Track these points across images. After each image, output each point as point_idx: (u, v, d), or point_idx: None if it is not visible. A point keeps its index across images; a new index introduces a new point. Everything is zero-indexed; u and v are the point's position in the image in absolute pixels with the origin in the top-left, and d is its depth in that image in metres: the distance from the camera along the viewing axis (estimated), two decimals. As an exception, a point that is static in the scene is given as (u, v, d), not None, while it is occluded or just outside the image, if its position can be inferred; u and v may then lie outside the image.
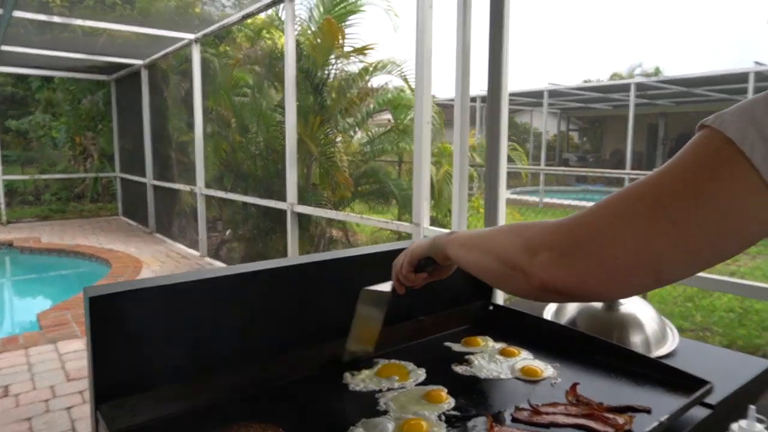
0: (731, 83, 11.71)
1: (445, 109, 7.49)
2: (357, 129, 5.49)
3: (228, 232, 6.85)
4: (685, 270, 0.59)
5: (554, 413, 0.97)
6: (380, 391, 1.07)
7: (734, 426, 0.99)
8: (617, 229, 0.58)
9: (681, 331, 3.98)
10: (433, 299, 1.41)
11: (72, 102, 10.27)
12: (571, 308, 1.48)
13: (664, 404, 1.02)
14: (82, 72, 9.20)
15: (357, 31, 5.12)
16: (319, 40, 4.97)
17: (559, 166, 19.56)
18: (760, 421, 0.97)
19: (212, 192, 6.13)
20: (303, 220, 4.92)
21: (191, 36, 5.97)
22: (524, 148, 18.73)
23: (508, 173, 3.14)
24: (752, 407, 0.99)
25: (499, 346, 1.30)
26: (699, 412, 1.03)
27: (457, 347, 1.31)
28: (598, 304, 1.44)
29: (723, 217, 0.55)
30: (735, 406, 1.21)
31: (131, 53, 7.34)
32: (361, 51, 4.96)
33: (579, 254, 0.60)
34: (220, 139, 6.52)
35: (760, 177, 0.53)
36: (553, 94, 15.08)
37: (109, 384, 0.85)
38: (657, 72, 21.95)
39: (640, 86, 13.36)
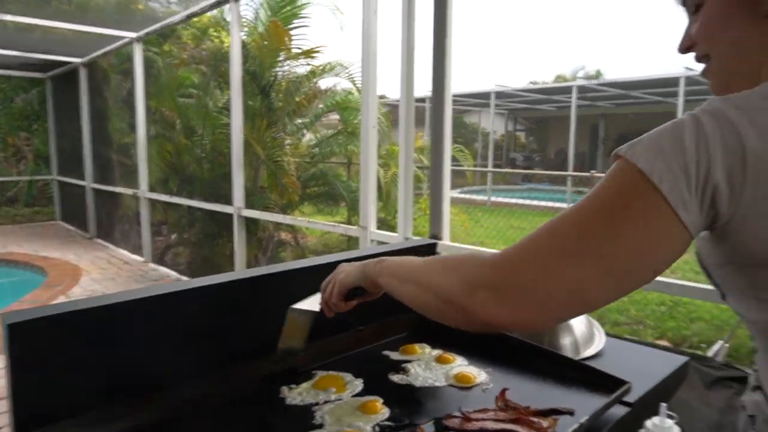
0: (664, 87, 12.33)
1: (394, 109, 7.54)
2: (305, 131, 5.46)
3: (173, 237, 6.68)
4: (612, 296, 0.63)
5: (484, 419, 1.01)
6: (317, 404, 1.09)
7: (648, 423, 1.06)
8: (549, 266, 0.61)
9: (617, 325, 4.17)
10: (371, 309, 1.44)
11: (3, 101, 9.73)
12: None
13: (587, 405, 1.08)
14: (14, 69, 8.73)
15: (304, 32, 5.09)
16: (265, 42, 4.92)
17: (507, 165, 20.06)
18: (670, 417, 1.04)
19: (156, 196, 5.95)
20: (251, 223, 4.86)
21: (133, 34, 5.78)
22: (473, 148, 19.10)
23: (455, 173, 3.22)
24: (663, 405, 1.06)
25: (436, 353, 1.34)
26: (618, 411, 1.10)
27: (395, 356, 1.34)
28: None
29: (639, 246, 0.59)
30: (651, 402, 1.30)
31: (69, 51, 7.03)
32: (308, 54, 4.94)
33: (516, 292, 0.63)
34: (165, 140, 6.34)
35: (670, 206, 0.57)
36: (500, 95, 15.45)
37: (32, 413, 0.83)
38: (598, 74, 22.84)
39: (582, 88, 13.87)
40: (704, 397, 1.72)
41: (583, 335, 1.45)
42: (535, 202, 12.10)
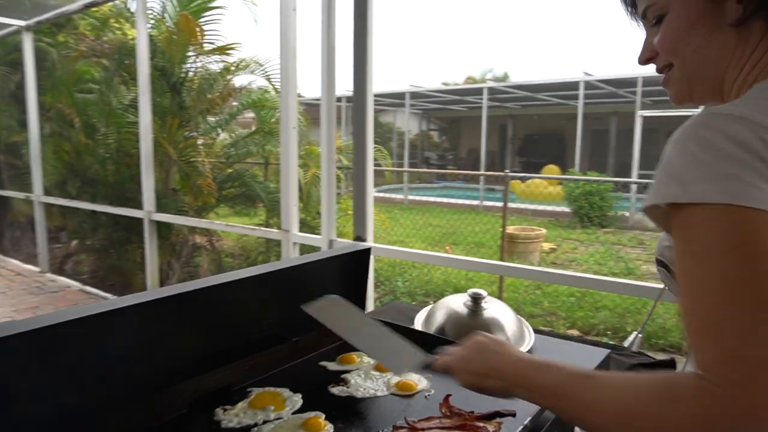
0: (566, 90, 13.13)
1: (310, 108, 7.45)
2: (220, 131, 5.24)
3: (74, 244, 6.17)
4: None
5: (430, 428, 1.00)
6: (256, 425, 1.03)
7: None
8: (749, 347, 0.51)
9: (531, 317, 4.37)
10: (306, 318, 1.39)
11: None
12: (439, 315, 1.54)
13: (527, 405, 1.10)
14: None
15: (217, 28, 4.88)
16: (174, 37, 4.66)
17: (422, 164, 20.48)
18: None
19: (53, 200, 5.46)
20: (163, 228, 4.59)
21: (21, 22, 5.26)
22: (389, 148, 19.32)
23: (374, 173, 3.21)
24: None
25: (374, 361, 1.32)
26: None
27: (332, 366, 1.30)
28: (463, 310, 1.52)
29: None
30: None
31: (-58, 39, 6.28)
32: (222, 50, 4.74)
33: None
34: (62, 140, 5.83)
35: None
36: (415, 95, 15.74)
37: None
38: (506, 77, 23.91)
39: (491, 90, 14.44)
40: (620, 384, 1.82)
41: (515, 334, 1.49)
42: (451, 200, 12.46)
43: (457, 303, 1.54)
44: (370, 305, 3.18)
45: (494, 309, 1.52)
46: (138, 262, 4.96)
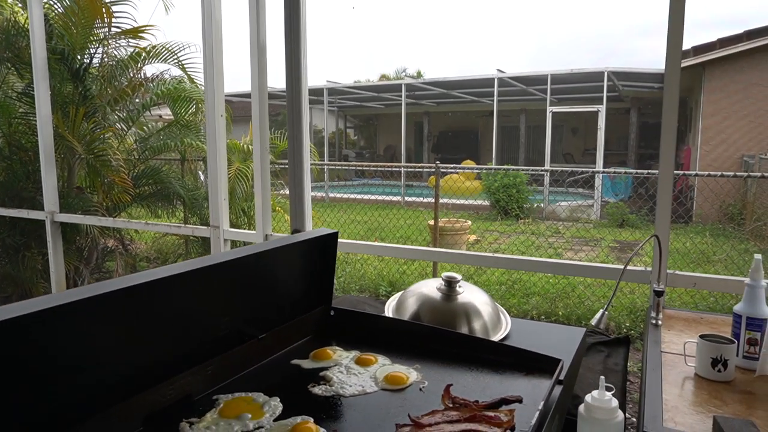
0: (481, 87, 13.52)
1: (230, 104, 7.09)
2: (131, 123, 4.81)
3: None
4: None
5: (437, 422, 0.89)
6: (235, 437, 0.87)
7: (588, 397, 1.04)
8: None
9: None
10: (269, 313, 1.23)
11: None
12: (412, 302, 1.44)
13: (530, 389, 1.02)
14: None
15: (127, 11, 4.47)
16: (73, 19, 4.20)
17: (340, 162, 20.33)
18: (608, 389, 1.03)
19: (-70, 203, 4.76)
20: (68, 230, 4.14)
21: None
22: (306, 145, 18.97)
23: (283, 170, 3.06)
24: (602, 378, 1.05)
25: (352, 354, 1.19)
26: (555, 390, 1.07)
27: (307, 364, 1.16)
28: (436, 295, 1.43)
29: None
30: (573, 375, 1.31)
31: None
32: (134, 33, 4.34)
33: None
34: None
35: None
36: (332, 92, 15.55)
37: None
38: (419, 75, 24.30)
39: (407, 86, 14.58)
40: (584, 362, 1.80)
41: (491, 318, 1.42)
42: (372, 197, 12.43)
43: (429, 288, 1.45)
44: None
45: (469, 293, 1.44)
46: (39, 269, 4.44)
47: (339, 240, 2.93)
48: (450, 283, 1.41)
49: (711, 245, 6.79)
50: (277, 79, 2.83)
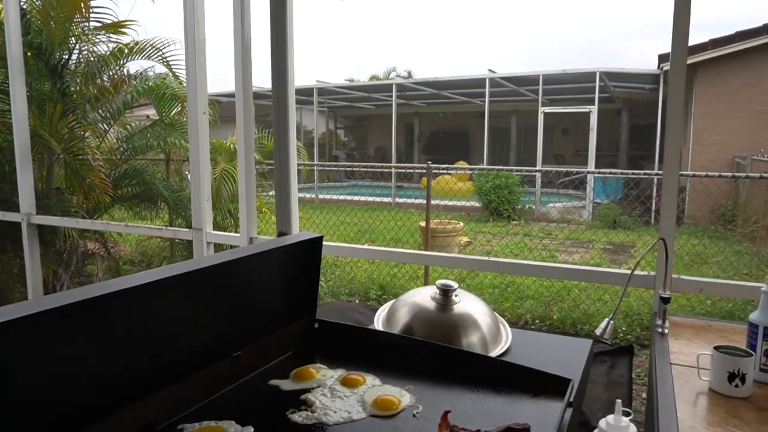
0: (472, 87, 13.44)
1: (218, 104, 6.96)
2: (112, 122, 4.65)
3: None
4: None
5: (434, 459, 0.77)
6: (198, 479, 0.75)
7: (602, 423, 0.93)
8: None
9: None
10: (246, 326, 1.11)
11: None
12: (403, 313, 1.32)
13: (539, 414, 0.91)
14: None
15: (109, 5, 4.32)
16: (52, 14, 4.04)
17: (330, 163, 20.19)
18: (626, 414, 0.92)
19: None
20: (46, 233, 3.98)
21: None
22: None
23: (271, 171, 2.94)
24: (618, 402, 0.94)
25: (338, 374, 1.07)
26: (566, 414, 0.96)
27: (286, 384, 1.04)
28: (430, 305, 1.31)
29: None
30: (581, 393, 1.20)
31: None
32: (115, 28, 4.18)
33: None
34: None
35: None
36: (322, 92, 15.41)
37: None
38: (410, 75, 24.19)
39: (398, 87, 14.47)
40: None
41: (491, 329, 1.30)
42: (362, 198, 12.32)
43: (423, 297, 1.33)
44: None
45: (466, 303, 1.32)
46: (15, 273, 4.27)
47: (327, 243, 2.80)
48: (445, 292, 1.29)
49: (705, 247, 6.74)
50: (266, 78, 2.72)
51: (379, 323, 1.33)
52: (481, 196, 10.35)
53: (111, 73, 4.63)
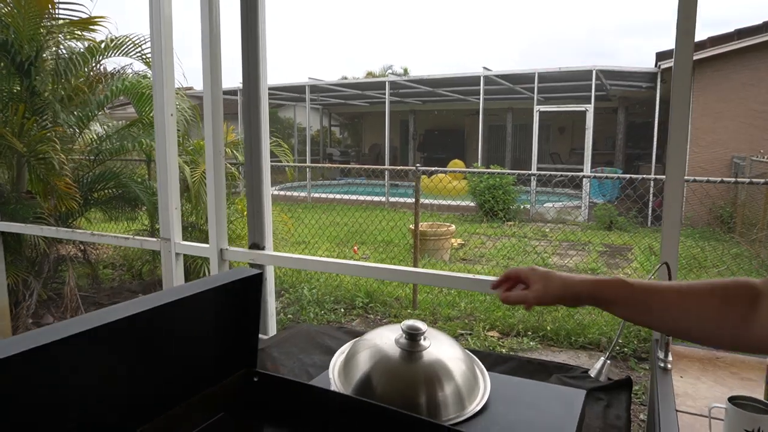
0: (467, 85, 13.24)
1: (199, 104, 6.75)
2: (86, 122, 4.43)
3: None
4: None
5: None
6: None
7: None
8: None
9: (449, 320, 4.04)
10: (172, 379, 0.91)
11: None
12: (362, 360, 1.12)
13: None
14: None
15: (81, 1, 4.09)
16: (16, 11, 3.82)
17: (324, 161, 20.00)
18: None
19: None
20: (11, 240, 3.77)
21: None
22: (289, 144, 18.60)
23: (274, 169, 2.75)
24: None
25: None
26: None
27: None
28: (394, 351, 1.11)
29: None
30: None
31: None
32: (85, 24, 3.97)
33: None
34: None
35: None
36: (315, 89, 15.19)
37: None
38: (406, 72, 23.99)
39: (393, 84, 14.26)
40: (578, 416, 1.50)
41: (466, 380, 1.11)
42: (354, 197, 12.12)
43: (386, 341, 1.13)
44: (271, 327, 2.70)
45: (437, 348, 1.12)
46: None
47: (306, 257, 2.60)
48: (412, 336, 1.09)
49: (702, 250, 6.57)
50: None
51: (334, 371, 1.14)
52: (475, 196, 10.17)
53: (86, 70, 4.42)
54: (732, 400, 1.11)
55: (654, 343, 1.66)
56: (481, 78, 12.12)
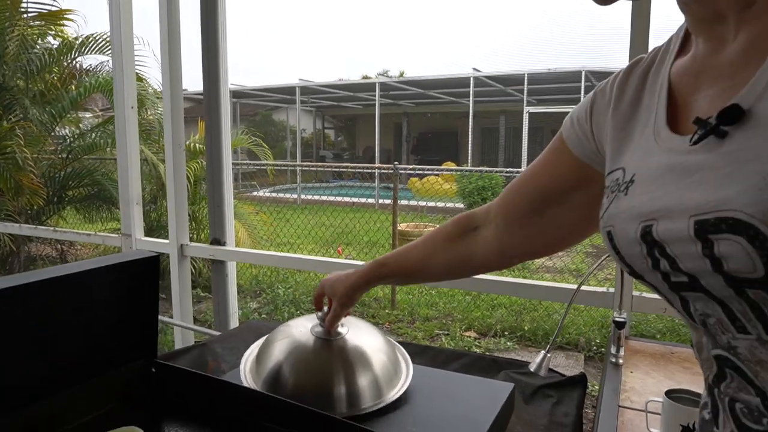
0: (457, 87, 13.21)
1: (197, 105, 6.72)
2: (58, 119, 4.36)
3: None
4: None
5: None
6: None
7: None
8: None
9: (427, 320, 3.96)
10: (60, 363, 0.85)
11: None
12: (278, 349, 1.05)
13: None
14: None
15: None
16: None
17: (317, 163, 19.94)
18: None
19: None
20: (-23, 238, 3.69)
21: None
22: (282, 147, 18.53)
23: (258, 171, 2.69)
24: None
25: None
26: None
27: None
28: (309, 339, 1.04)
29: None
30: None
31: None
32: (53, 18, 3.90)
33: None
34: None
35: None
36: (306, 91, 15.14)
37: None
38: (402, 75, 23.95)
39: (385, 86, 14.23)
40: (524, 414, 1.43)
41: (385, 369, 1.04)
42: (345, 199, 12.07)
43: (301, 329, 1.06)
44: (232, 325, 2.62)
45: (355, 336, 1.06)
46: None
47: (264, 252, 2.53)
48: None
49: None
50: (250, 77, 2.46)
51: (247, 362, 1.07)
52: (464, 198, 10.12)
53: (61, 67, 4.35)
54: (669, 393, 1.05)
55: (608, 341, 1.60)
56: (471, 79, 12.10)
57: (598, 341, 3.69)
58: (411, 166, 8.71)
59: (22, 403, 0.79)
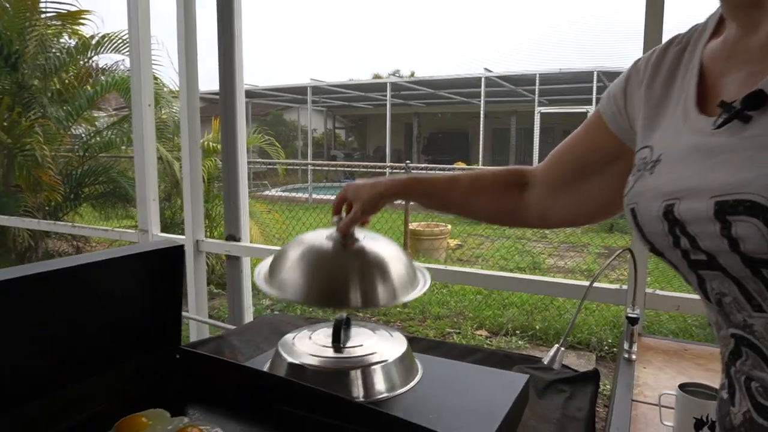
0: (468, 87, 13.20)
1: (211, 105, 6.78)
2: (75, 117, 4.43)
3: None
4: None
5: None
6: None
7: None
8: None
9: (438, 318, 3.98)
10: (86, 350, 0.88)
11: None
12: (291, 259, 1.01)
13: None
14: None
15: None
16: (7, 5, 3.82)
17: (328, 162, 20.00)
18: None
19: None
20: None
21: None
22: (293, 146, 18.62)
23: (269, 171, 2.72)
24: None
25: (174, 425, 0.82)
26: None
27: (104, 440, 0.80)
28: (326, 245, 1.02)
29: None
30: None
31: None
32: (72, 19, 3.97)
33: None
34: None
35: None
36: (317, 91, 15.20)
37: None
38: (413, 75, 23.96)
39: (396, 86, 14.25)
40: (537, 408, 1.45)
41: (402, 274, 1.01)
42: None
43: (318, 236, 1.05)
44: (247, 319, 2.66)
45: (372, 242, 1.04)
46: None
47: (279, 248, 2.58)
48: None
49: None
50: (259, 75, 2.50)
51: (260, 274, 1.05)
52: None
53: (77, 66, 4.42)
54: (682, 387, 1.06)
55: (621, 338, 1.60)
56: (482, 79, 12.08)
57: (609, 341, 3.69)
58: (422, 166, 8.70)
59: (56, 386, 0.82)
